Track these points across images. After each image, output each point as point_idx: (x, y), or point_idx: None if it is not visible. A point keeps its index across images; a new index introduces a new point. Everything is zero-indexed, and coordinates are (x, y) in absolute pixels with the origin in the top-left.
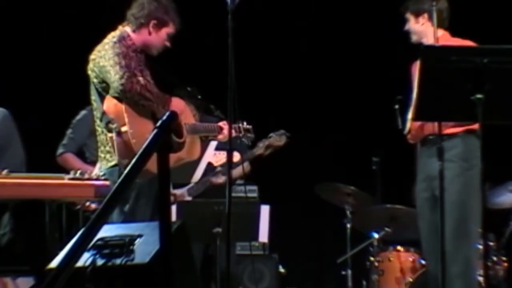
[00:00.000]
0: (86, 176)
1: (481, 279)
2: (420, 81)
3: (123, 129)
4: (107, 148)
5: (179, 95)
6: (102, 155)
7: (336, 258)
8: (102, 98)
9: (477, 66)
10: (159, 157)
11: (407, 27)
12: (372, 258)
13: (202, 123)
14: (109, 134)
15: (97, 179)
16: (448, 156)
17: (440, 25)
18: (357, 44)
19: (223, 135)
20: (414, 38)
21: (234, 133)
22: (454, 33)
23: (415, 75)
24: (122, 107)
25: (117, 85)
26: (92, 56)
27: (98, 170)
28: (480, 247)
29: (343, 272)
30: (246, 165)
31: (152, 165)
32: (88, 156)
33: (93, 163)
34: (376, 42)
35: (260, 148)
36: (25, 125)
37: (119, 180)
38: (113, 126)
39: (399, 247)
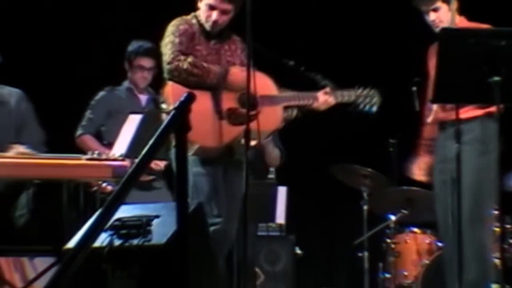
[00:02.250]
0: (104, 156)
1: (497, 261)
2: (438, 63)
3: (171, 108)
4: None
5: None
6: None
7: (353, 240)
8: (165, 81)
9: (494, 49)
10: (177, 138)
11: (433, 17)
12: (388, 240)
13: (291, 92)
14: (163, 115)
15: (114, 160)
16: (466, 139)
17: (458, 11)
18: (376, 24)
19: (319, 103)
20: (440, 26)
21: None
22: (471, 19)
23: (432, 58)
24: (170, 85)
25: (164, 66)
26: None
27: (115, 150)
28: (497, 229)
29: (360, 254)
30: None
31: (206, 141)
32: (105, 136)
33: (110, 145)
34: (395, 23)
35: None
36: (46, 106)
37: (137, 161)
38: (164, 107)
39: (415, 229)
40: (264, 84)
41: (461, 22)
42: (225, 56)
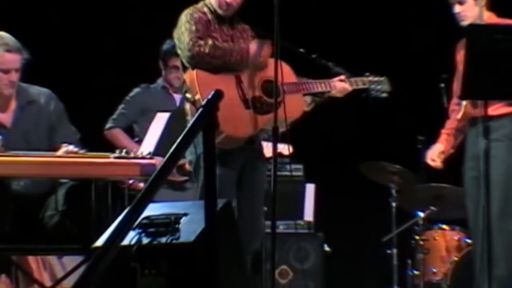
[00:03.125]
0: (132, 155)
1: None
2: (466, 59)
3: (197, 97)
4: None
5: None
6: None
7: (381, 237)
8: (185, 69)
9: None
10: (204, 135)
11: (459, 10)
12: (417, 237)
13: (310, 80)
14: (186, 104)
15: (143, 158)
16: (497, 135)
17: (487, 6)
18: (404, 22)
19: (337, 90)
20: (468, 21)
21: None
22: (500, 15)
23: (460, 53)
24: (194, 74)
25: (186, 53)
26: (174, 32)
27: (143, 148)
28: None
29: (388, 251)
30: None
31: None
32: (137, 133)
33: (140, 141)
34: (422, 21)
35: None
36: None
37: (165, 159)
38: (189, 95)
39: (444, 226)
40: (284, 72)
41: (490, 18)
42: (239, 43)
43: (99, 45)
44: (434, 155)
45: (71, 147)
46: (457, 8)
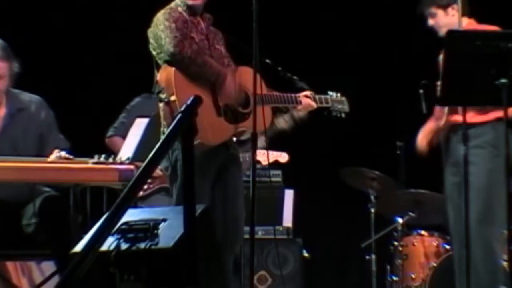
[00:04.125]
0: (110, 160)
1: (505, 263)
2: (445, 66)
3: (172, 98)
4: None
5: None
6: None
7: (360, 243)
8: (159, 69)
9: (502, 51)
10: (183, 141)
11: (432, 22)
12: (396, 243)
13: (279, 93)
14: (160, 104)
15: (121, 163)
16: (479, 142)
17: (464, 13)
18: (382, 28)
19: (302, 106)
20: (443, 31)
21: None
22: (480, 21)
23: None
24: (172, 74)
25: (167, 48)
26: (148, 30)
27: (121, 154)
28: (505, 232)
29: (367, 257)
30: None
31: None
32: None
33: None
34: (401, 26)
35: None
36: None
37: (143, 165)
38: (163, 96)
39: (423, 232)
40: (252, 82)
41: (470, 24)
42: (214, 42)
43: (100, 53)
44: (426, 136)
45: (63, 153)
46: (430, 22)
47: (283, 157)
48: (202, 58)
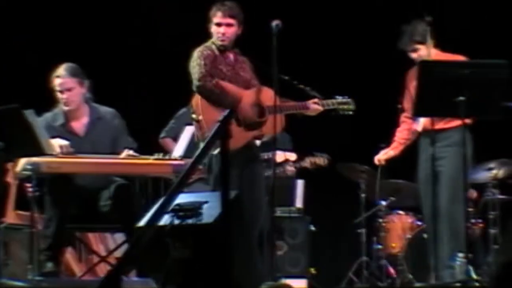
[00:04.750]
0: (167, 157)
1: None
2: (417, 87)
3: (199, 117)
4: None
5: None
6: None
7: (353, 220)
8: (193, 96)
9: (460, 76)
10: (221, 143)
11: (414, 56)
12: (380, 220)
13: (289, 102)
14: (194, 123)
15: (175, 160)
16: (448, 142)
17: (434, 46)
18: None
19: (310, 111)
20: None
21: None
22: (444, 48)
23: (412, 80)
24: (199, 99)
25: (194, 83)
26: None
27: (175, 153)
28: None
29: (359, 231)
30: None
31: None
32: None
33: None
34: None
35: (306, 162)
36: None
37: (191, 161)
38: (194, 116)
39: (400, 212)
40: (269, 96)
41: (437, 55)
42: (240, 70)
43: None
44: (382, 159)
45: (131, 152)
46: (413, 55)
47: (292, 156)
48: (219, 89)
